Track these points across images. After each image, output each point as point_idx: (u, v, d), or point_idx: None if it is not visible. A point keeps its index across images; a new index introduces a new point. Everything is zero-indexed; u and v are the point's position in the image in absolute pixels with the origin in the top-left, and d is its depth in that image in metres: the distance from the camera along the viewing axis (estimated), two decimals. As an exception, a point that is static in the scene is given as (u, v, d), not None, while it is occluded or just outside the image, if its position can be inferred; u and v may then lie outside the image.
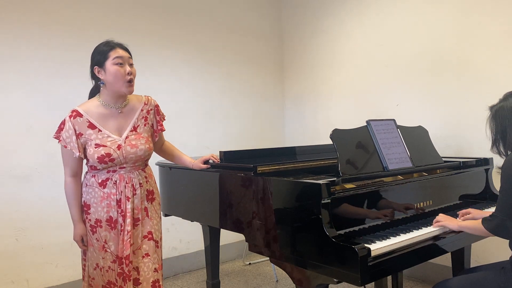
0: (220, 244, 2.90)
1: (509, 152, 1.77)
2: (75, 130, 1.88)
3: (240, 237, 3.85)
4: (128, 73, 1.90)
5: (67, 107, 3.02)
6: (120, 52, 1.90)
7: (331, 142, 2.00)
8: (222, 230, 2.73)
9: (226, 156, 2.38)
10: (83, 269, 2.03)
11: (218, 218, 2.38)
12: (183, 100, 3.69)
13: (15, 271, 2.87)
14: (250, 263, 3.81)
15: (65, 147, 1.90)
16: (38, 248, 2.96)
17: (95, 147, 1.89)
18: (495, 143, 1.81)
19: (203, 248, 2.91)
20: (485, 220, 1.75)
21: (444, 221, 1.91)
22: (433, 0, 3.11)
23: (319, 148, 2.85)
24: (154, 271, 2.01)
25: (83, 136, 1.90)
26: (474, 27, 2.89)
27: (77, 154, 1.90)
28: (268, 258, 2.02)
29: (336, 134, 2.02)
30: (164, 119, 2.17)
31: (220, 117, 3.97)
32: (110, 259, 1.95)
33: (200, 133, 3.80)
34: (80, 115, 1.90)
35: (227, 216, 2.26)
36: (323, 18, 3.97)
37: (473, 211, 2.04)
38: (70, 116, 1.90)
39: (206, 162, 2.34)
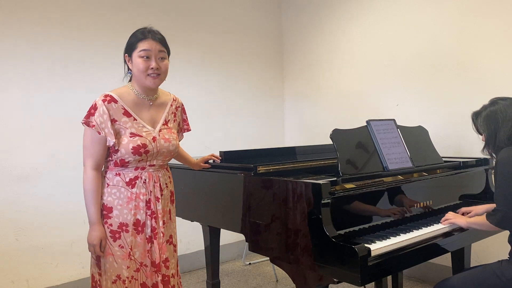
0: (220, 244, 2.89)
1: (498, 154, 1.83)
2: (109, 115, 1.71)
3: (240, 237, 3.86)
4: (151, 68, 1.75)
5: (67, 107, 3.07)
6: (149, 44, 1.76)
7: (331, 142, 2.00)
8: (222, 230, 2.73)
9: (227, 156, 2.39)
10: (97, 286, 1.78)
11: (218, 218, 2.38)
12: (182, 100, 3.68)
13: (15, 271, 2.86)
14: (250, 263, 3.81)
15: (99, 133, 1.69)
16: (38, 248, 2.96)
17: (130, 137, 1.73)
18: (487, 145, 1.89)
19: (203, 248, 2.91)
20: (489, 215, 1.81)
21: (453, 218, 1.97)
22: (433, 0, 3.12)
23: (319, 148, 2.85)
24: (171, 277, 1.88)
25: (117, 123, 1.73)
26: (474, 27, 2.89)
27: (113, 141, 1.70)
28: (268, 258, 2.01)
29: (336, 134, 2.02)
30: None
31: (220, 117, 3.97)
32: (134, 267, 1.77)
33: (200, 133, 3.79)
34: (115, 101, 1.73)
35: (227, 216, 2.26)
36: (323, 18, 3.97)
37: (474, 209, 2.11)
38: (104, 100, 1.71)
39: (206, 162, 2.34)
